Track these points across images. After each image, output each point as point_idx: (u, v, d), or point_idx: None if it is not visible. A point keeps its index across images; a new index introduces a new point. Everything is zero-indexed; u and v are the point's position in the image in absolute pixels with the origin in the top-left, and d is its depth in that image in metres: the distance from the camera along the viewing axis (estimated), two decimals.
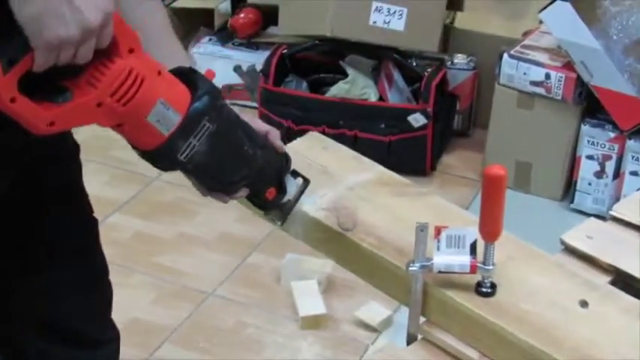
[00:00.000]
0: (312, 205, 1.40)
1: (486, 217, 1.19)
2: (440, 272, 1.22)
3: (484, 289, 1.22)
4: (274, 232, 2.73)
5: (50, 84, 1.08)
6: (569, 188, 3.00)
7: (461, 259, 1.21)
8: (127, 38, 1.09)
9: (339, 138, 2.95)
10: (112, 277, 2.49)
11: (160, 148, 1.15)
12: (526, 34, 3.07)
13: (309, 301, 2.36)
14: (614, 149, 2.84)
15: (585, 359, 1.13)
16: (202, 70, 1.21)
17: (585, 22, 2.73)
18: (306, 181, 1.36)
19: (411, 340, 1.29)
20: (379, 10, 2.96)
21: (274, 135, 1.34)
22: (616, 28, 2.78)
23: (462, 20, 3.35)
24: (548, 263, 1.31)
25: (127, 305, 2.40)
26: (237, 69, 3.42)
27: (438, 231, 1.23)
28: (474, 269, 1.21)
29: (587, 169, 2.91)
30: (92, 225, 1.55)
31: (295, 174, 1.36)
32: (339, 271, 2.48)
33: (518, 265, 1.28)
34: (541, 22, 3.03)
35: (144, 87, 1.10)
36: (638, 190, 2.75)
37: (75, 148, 1.43)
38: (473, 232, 1.22)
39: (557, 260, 1.35)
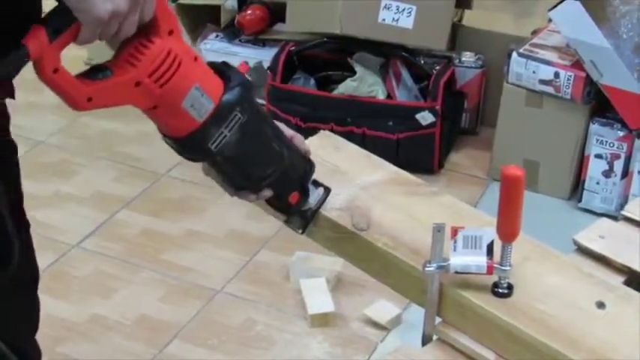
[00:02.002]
0: (325, 205, 1.40)
1: (504, 218, 1.18)
2: (456, 273, 1.21)
3: (500, 290, 1.22)
4: (283, 229, 2.70)
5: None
6: (577, 187, 2.99)
7: (477, 260, 1.21)
8: (167, 19, 1.09)
9: (347, 135, 2.94)
10: (118, 273, 2.51)
11: (192, 135, 1.15)
12: (535, 32, 3.06)
13: (318, 299, 2.36)
14: (622, 148, 2.84)
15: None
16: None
17: (595, 21, 2.72)
18: (327, 190, 1.37)
19: (426, 340, 1.28)
20: (388, 8, 2.96)
21: (299, 139, 1.34)
22: (626, 27, 2.77)
23: (470, 18, 3.34)
24: (563, 264, 1.31)
25: (135, 302, 2.41)
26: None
27: (455, 231, 1.22)
28: (490, 270, 1.20)
29: (595, 168, 2.90)
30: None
31: (316, 183, 1.36)
32: (348, 269, 2.47)
33: (534, 266, 1.28)
34: (550, 20, 3.02)
35: (181, 70, 1.10)
36: None
37: (13, 148, 1.34)
38: (490, 233, 1.21)
39: (572, 261, 1.35)
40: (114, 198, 2.83)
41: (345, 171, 1.49)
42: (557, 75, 2.84)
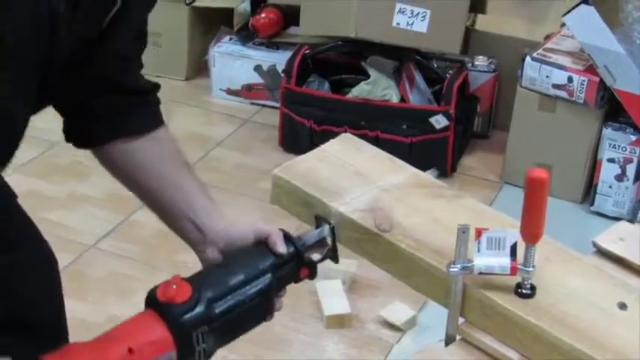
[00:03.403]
0: (348, 206, 1.41)
1: (528, 219, 1.20)
2: (480, 274, 1.23)
3: (524, 291, 1.23)
4: (297, 232, 2.74)
5: None
6: (589, 191, 3.01)
7: (501, 261, 1.22)
8: None
9: (361, 138, 2.99)
10: (135, 274, 2.53)
11: None
12: (548, 37, 3.08)
13: (334, 300, 2.38)
14: (635, 152, 2.86)
15: None
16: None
17: (608, 26, 2.74)
18: (329, 224, 1.38)
19: (449, 340, 1.30)
20: (402, 12, 2.98)
21: (274, 239, 1.32)
22: (639, 32, 2.79)
23: (483, 22, 3.36)
24: (584, 265, 1.32)
25: None
26: (257, 68, 3.44)
27: (479, 233, 1.24)
28: (514, 271, 1.22)
29: (608, 172, 2.92)
30: None
31: (318, 222, 1.38)
32: (363, 271, 2.50)
33: (556, 268, 1.29)
34: (563, 25, 3.04)
35: None
36: None
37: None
38: (513, 234, 1.23)
39: (593, 262, 1.36)
40: (129, 199, 2.81)
41: (367, 173, 1.50)
42: (570, 79, 2.86)
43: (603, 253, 1.44)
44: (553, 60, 2.90)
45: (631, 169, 2.89)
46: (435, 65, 3.18)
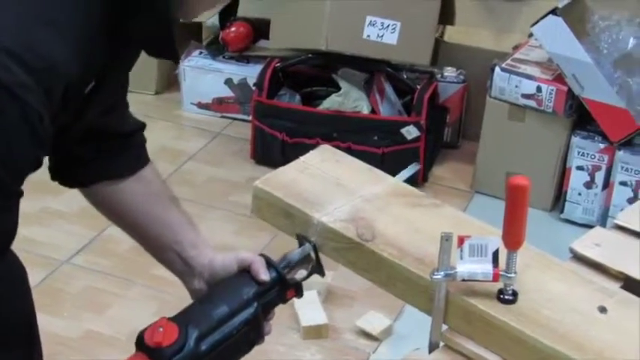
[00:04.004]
0: (330, 216, 1.43)
1: (510, 226, 1.22)
2: (463, 280, 1.25)
3: (506, 297, 1.25)
4: (272, 243, 2.75)
5: None
6: (559, 199, 3.04)
7: (484, 268, 1.24)
8: None
9: None
10: (110, 289, 2.52)
11: None
12: (516, 47, 3.12)
13: (311, 311, 2.39)
14: (603, 160, 2.90)
15: None
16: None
17: (576, 36, 2.79)
18: (311, 243, 1.40)
19: (433, 347, 1.31)
20: (373, 24, 3.01)
21: (257, 267, 1.37)
22: (606, 42, 2.84)
23: (451, 34, 3.40)
24: (564, 271, 1.35)
25: (129, 317, 2.42)
26: (228, 82, 3.45)
27: (461, 240, 1.25)
28: (496, 277, 1.24)
29: (577, 179, 2.96)
30: None
31: (299, 240, 1.41)
32: (338, 282, 2.51)
33: (537, 273, 1.31)
34: (530, 36, 3.08)
35: None
36: (627, 199, 2.84)
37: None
38: (495, 241, 1.25)
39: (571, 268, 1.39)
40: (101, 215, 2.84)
41: (347, 183, 1.52)
42: (539, 89, 2.90)
43: (580, 259, 1.47)
44: (522, 70, 2.94)
45: (599, 177, 2.93)
46: (405, 77, 3.20)
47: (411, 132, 3.02)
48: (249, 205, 2.89)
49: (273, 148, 3.08)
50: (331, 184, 1.50)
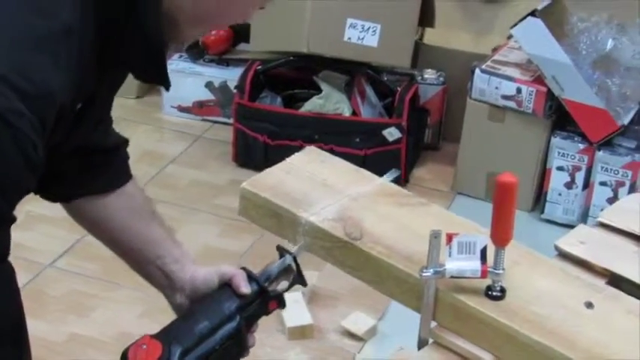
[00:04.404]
0: (318, 216, 1.44)
1: (498, 223, 1.24)
2: (452, 277, 1.26)
3: (494, 293, 1.26)
4: (255, 245, 2.77)
5: None
6: (539, 199, 3.07)
7: (472, 264, 1.25)
8: None
9: None
10: (94, 292, 2.52)
11: None
12: (495, 49, 3.15)
13: (295, 312, 2.40)
14: (583, 160, 2.93)
15: (597, 358, 1.17)
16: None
17: (555, 38, 2.81)
18: (291, 254, 1.41)
19: (422, 344, 1.32)
20: (354, 27, 3.02)
21: (237, 281, 1.36)
22: (584, 43, 2.86)
23: (430, 36, 3.42)
24: (551, 267, 1.36)
25: (115, 319, 2.43)
26: (209, 85, 3.46)
27: (450, 238, 1.27)
28: (484, 274, 1.25)
29: (557, 180, 2.98)
30: None
31: (280, 252, 1.41)
32: (323, 283, 2.52)
33: (524, 270, 1.33)
34: (509, 37, 3.11)
35: None
36: (607, 199, 2.87)
37: None
38: (483, 239, 1.26)
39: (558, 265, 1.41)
40: None
41: (334, 183, 1.53)
42: (519, 90, 2.92)
43: (565, 256, 1.49)
44: (502, 72, 2.96)
45: (580, 177, 2.96)
46: (385, 79, 3.22)
47: (392, 134, 3.03)
48: (232, 208, 2.90)
49: (255, 151, 3.09)
50: (318, 184, 1.51)
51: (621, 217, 1.59)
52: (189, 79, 3.47)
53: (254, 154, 3.09)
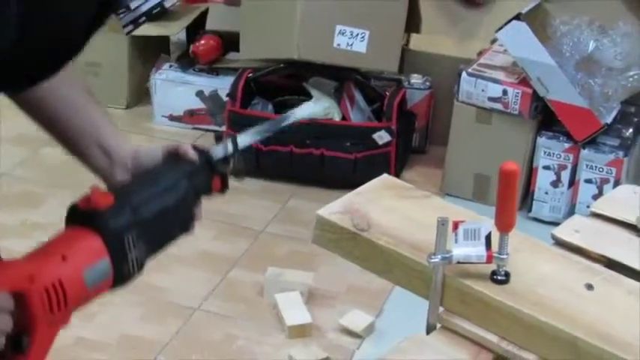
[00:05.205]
0: (325, 210, 1.50)
1: (502, 209, 1.30)
2: (459, 263, 1.32)
3: (499, 277, 1.33)
4: (251, 248, 2.82)
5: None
6: (526, 198, 3.14)
7: (478, 250, 1.31)
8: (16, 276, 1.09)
9: (307, 157, 3.09)
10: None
11: (114, 285, 1.20)
12: (480, 53, 3.22)
13: (295, 311, 2.45)
14: (569, 159, 3.00)
15: (600, 334, 1.24)
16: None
17: (539, 40, 2.89)
18: (233, 137, 1.36)
19: (430, 329, 1.38)
20: (343, 33, 3.08)
21: (184, 148, 1.33)
22: (567, 45, 2.94)
23: (416, 41, 3.49)
24: (551, 253, 1.43)
25: (116, 323, 2.46)
26: (199, 94, 3.51)
27: (456, 225, 1.33)
28: (490, 259, 1.31)
29: (543, 178, 3.05)
30: None
31: (219, 139, 1.38)
32: (320, 283, 2.58)
33: (526, 256, 1.39)
34: (494, 41, 3.18)
35: (66, 289, 1.12)
36: (592, 196, 2.94)
37: None
38: (487, 225, 1.33)
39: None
40: None
41: None
42: (505, 92, 2.99)
43: (561, 244, 1.55)
44: (488, 74, 3.03)
45: (565, 175, 3.03)
46: (373, 84, 3.29)
47: (382, 137, 3.10)
48: (226, 213, 2.99)
49: (248, 157, 3.13)
50: None
51: (613, 207, 1.67)
52: (179, 89, 3.52)
53: (246, 160, 3.14)
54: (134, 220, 1.18)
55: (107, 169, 1.34)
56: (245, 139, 1.39)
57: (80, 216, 1.16)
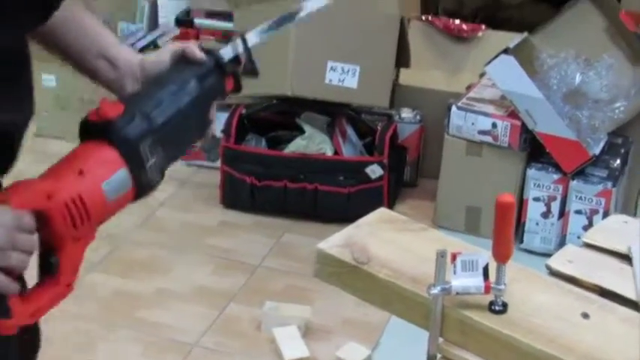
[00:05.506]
0: (326, 243, 1.53)
1: (499, 240, 1.34)
2: (457, 294, 1.36)
3: (497, 308, 1.36)
4: (248, 283, 2.84)
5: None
6: (517, 230, 3.17)
7: (476, 281, 1.35)
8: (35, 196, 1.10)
9: (301, 191, 3.13)
10: (97, 333, 2.58)
11: (137, 196, 1.18)
12: (469, 87, 3.27)
13: (293, 344, 2.48)
14: (558, 190, 3.04)
15: None
16: None
17: (527, 74, 2.94)
18: (241, 36, 1.33)
19: (430, 359, 1.41)
20: (334, 69, 3.14)
21: (191, 49, 1.31)
22: (555, 78, 2.99)
23: (405, 76, 3.54)
24: (547, 283, 1.47)
25: (115, 359, 2.48)
26: None
27: (454, 257, 1.37)
28: (488, 290, 1.35)
29: (534, 210, 3.09)
30: None
31: (230, 40, 1.34)
32: (316, 317, 2.61)
33: (523, 286, 1.43)
34: (482, 75, 3.24)
35: (86, 203, 1.12)
36: (583, 227, 2.98)
37: None
38: (484, 257, 1.36)
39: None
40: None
41: None
42: (494, 125, 3.04)
43: (555, 274, 1.59)
44: (477, 108, 3.08)
45: (555, 207, 3.07)
46: (364, 118, 3.34)
47: (375, 171, 3.14)
48: (223, 248, 3.02)
49: (242, 192, 3.18)
50: None
51: (604, 237, 1.71)
52: None
53: (241, 196, 3.18)
54: (147, 126, 1.17)
55: (116, 80, 1.34)
56: (254, 37, 1.34)
57: (92, 129, 1.16)
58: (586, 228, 2.98)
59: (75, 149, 1.16)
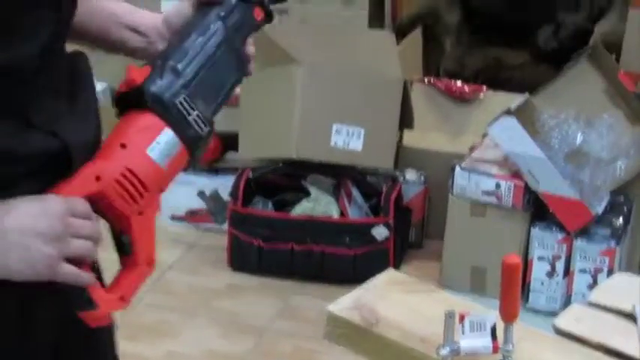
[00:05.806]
0: (335, 305, 1.56)
1: (506, 300, 1.37)
2: (466, 355, 1.39)
3: None
4: (257, 346, 2.86)
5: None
6: (523, 289, 3.19)
7: (484, 342, 1.38)
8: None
9: (307, 254, 3.16)
10: None
11: (192, 153, 1.18)
12: (472, 148, 3.31)
13: None
14: (562, 249, 3.07)
15: None
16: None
17: (528, 134, 2.99)
18: None
19: None
20: (339, 132, 3.19)
21: None
22: (556, 138, 3.04)
23: (408, 138, 3.58)
24: (553, 342, 1.50)
25: None
26: (200, 194, 3.59)
27: (462, 317, 1.40)
28: (496, 349, 1.38)
29: (539, 269, 3.11)
30: None
31: None
32: None
33: (530, 345, 1.46)
34: (484, 135, 3.28)
35: (137, 174, 1.11)
36: (587, 285, 3.00)
37: None
38: (492, 317, 1.40)
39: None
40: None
41: None
42: (498, 185, 3.08)
43: (562, 333, 1.62)
44: (481, 168, 3.12)
45: (560, 266, 3.09)
46: (369, 180, 3.38)
47: (381, 232, 3.17)
48: (231, 311, 3.03)
49: (250, 255, 3.21)
50: None
51: (609, 296, 1.74)
52: (181, 189, 3.60)
53: (249, 258, 3.22)
54: (178, 80, 1.15)
55: (146, 47, 1.32)
56: None
57: (125, 100, 1.15)
58: (591, 286, 2.99)
59: (115, 126, 1.15)
